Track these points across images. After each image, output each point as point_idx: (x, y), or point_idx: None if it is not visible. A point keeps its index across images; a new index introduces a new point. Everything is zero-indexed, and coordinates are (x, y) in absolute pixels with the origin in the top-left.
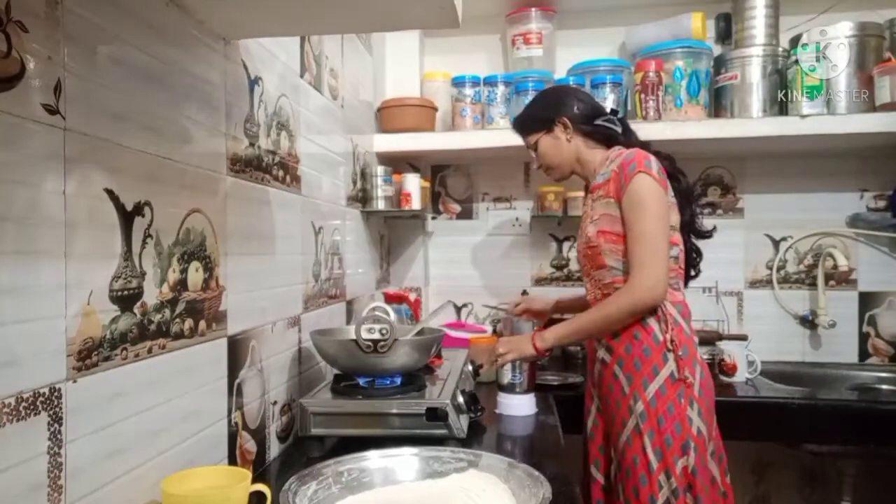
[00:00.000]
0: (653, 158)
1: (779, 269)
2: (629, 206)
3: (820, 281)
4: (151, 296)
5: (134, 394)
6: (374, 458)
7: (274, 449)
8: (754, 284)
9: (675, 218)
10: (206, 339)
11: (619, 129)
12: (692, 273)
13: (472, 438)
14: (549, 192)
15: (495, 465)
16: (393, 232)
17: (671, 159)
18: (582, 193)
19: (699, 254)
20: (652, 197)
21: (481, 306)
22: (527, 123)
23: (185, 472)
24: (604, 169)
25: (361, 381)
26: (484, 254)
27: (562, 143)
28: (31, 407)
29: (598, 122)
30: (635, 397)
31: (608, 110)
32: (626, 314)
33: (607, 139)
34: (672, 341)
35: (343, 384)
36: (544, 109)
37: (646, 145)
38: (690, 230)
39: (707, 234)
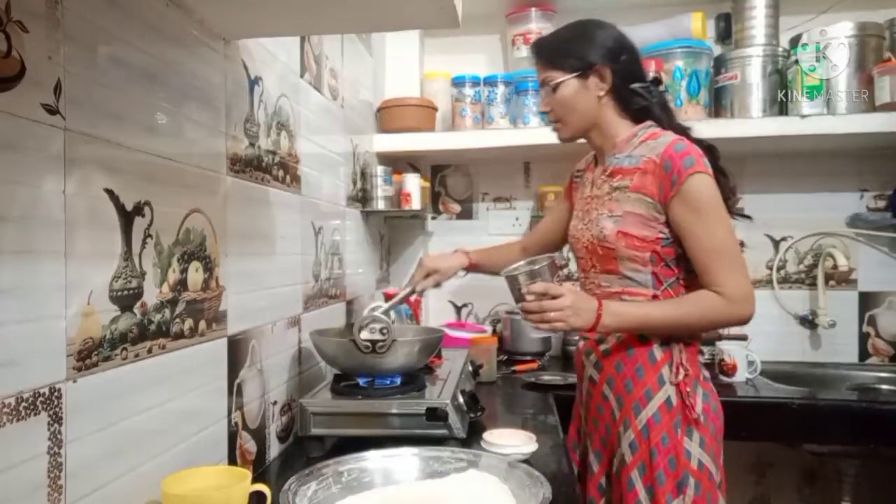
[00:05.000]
0: (701, 151)
1: (779, 269)
2: (693, 214)
3: (820, 281)
4: (151, 296)
5: (134, 394)
6: (374, 458)
7: (274, 449)
8: (754, 284)
9: None
10: (206, 339)
11: (657, 103)
12: None
13: (472, 438)
14: (549, 191)
15: (495, 465)
16: (393, 232)
17: (714, 151)
18: None
19: None
20: (718, 201)
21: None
22: (557, 55)
23: (185, 472)
24: (630, 149)
25: (361, 381)
26: None
27: (590, 97)
28: (31, 407)
29: (636, 86)
30: (625, 424)
31: (650, 78)
32: (719, 324)
33: (639, 112)
34: (672, 360)
35: (343, 384)
36: (586, 47)
37: (685, 131)
38: None
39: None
